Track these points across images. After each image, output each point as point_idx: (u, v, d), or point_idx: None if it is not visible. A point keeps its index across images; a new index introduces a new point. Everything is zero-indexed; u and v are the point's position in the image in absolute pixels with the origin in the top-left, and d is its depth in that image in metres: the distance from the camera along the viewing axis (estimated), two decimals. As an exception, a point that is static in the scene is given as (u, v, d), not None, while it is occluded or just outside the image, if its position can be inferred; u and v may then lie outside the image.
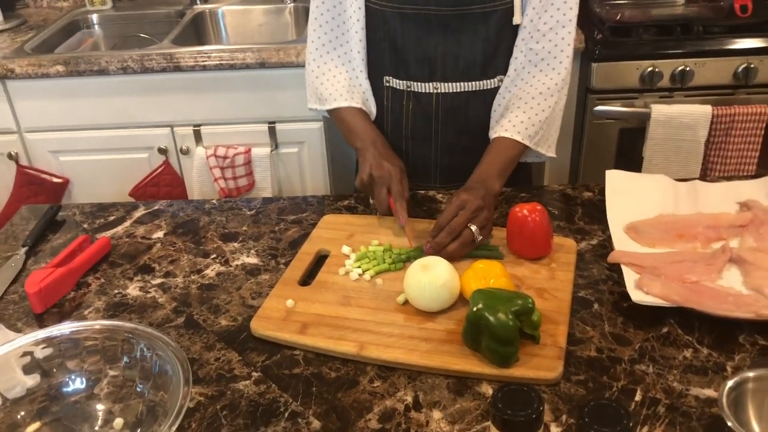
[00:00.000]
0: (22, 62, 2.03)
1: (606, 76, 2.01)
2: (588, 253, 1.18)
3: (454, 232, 1.14)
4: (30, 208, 1.42)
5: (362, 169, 1.27)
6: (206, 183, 2.16)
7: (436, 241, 1.14)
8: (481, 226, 1.15)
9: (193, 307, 1.10)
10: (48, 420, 0.88)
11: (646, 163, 2.04)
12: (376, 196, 1.24)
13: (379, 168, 1.24)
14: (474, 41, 1.30)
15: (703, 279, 1.05)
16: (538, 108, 1.31)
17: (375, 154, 1.27)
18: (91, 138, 2.15)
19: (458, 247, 1.14)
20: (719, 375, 0.93)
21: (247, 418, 0.90)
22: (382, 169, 1.24)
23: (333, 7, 1.34)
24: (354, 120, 1.35)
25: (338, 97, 1.37)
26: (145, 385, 0.89)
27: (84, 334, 0.92)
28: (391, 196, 1.22)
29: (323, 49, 1.38)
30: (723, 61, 1.98)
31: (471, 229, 1.14)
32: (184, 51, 2.04)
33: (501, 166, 1.27)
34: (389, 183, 1.23)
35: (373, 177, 1.24)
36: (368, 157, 1.27)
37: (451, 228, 1.13)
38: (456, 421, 0.88)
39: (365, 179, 1.25)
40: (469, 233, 1.14)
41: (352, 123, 1.35)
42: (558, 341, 0.97)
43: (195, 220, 1.34)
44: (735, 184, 1.29)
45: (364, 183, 1.26)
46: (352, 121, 1.36)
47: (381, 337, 1.00)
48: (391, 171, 1.23)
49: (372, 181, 1.24)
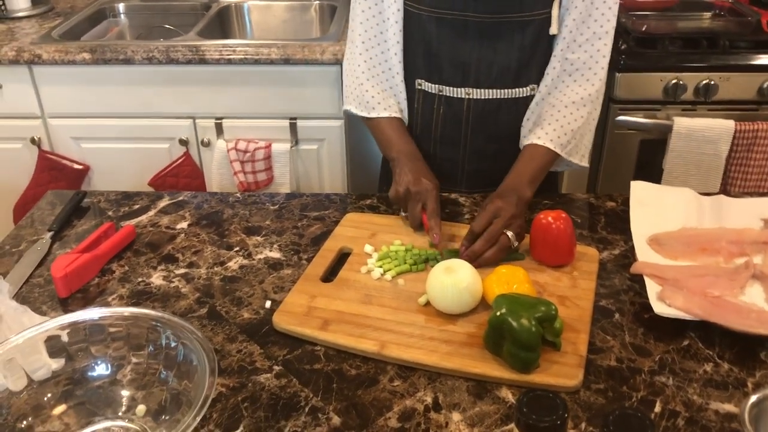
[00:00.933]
0: (49, 48, 2.05)
1: (629, 87, 2.00)
2: (610, 262, 1.18)
3: (492, 240, 1.14)
4: (55, 193, 1.43)
5: (398, 182, 1.26)
6: (225, 176, 2.17)
7: (472, 250, 1.14)
8: (515, 232, 1.16)
9: (216, 299, 1.11)
10: (72, 403, 0.89)
11: (666, 175, 2.03)
12: (410, 211, 1.24)
13: (417, 184, 1.24)
14: (509, 49, 1.30)
15: (725, 294, 1.05)
16: (570, 117, 1.31)
17: (413, 168, 1.27)
18: (113, 126, 2.16)
19: (495, 253, 1.14)
20: (740, 390, 0.93)
21: (268, 411, 0.91)
22: (420, 185, 1.23)
23: (374, 5, 1.35)
24: (391, 130, 1.35)
25: (377, 106, 1.37)
26: (169, 374, 0.90)
27: (109, 320, 0.93)
28: (425, 212, 1.22)
29: (367, 54, 1.37)
30: (748, 76, 1.97)
31: (508, 236, 1.15)
32: (209, 44, 2.05)
33: (533, 174, 1.28)
34: (425, 200, 1.23)
35: (410, 192, 1.24)
36: (405, 170, 1.27)
37: (488, 236, 1.14)
38: (475, 424, 0.88)
39: (401, 193, 1.25)
40: (506, 239, 1.15)
41: (389, 133, 1.35)
42: (579, 349, 0.98)
43: (219, 212, 1.35)
44: (759, 201, 1.29)
45: (400, 196, 1.26)
46: (389, 131, 1.35)
47: (402, 336, 1.01)
48: (428, 188, 1.23)
49: (408, 195, 1.24)
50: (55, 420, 0.87)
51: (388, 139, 1.36)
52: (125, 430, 0.89)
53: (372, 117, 1.38)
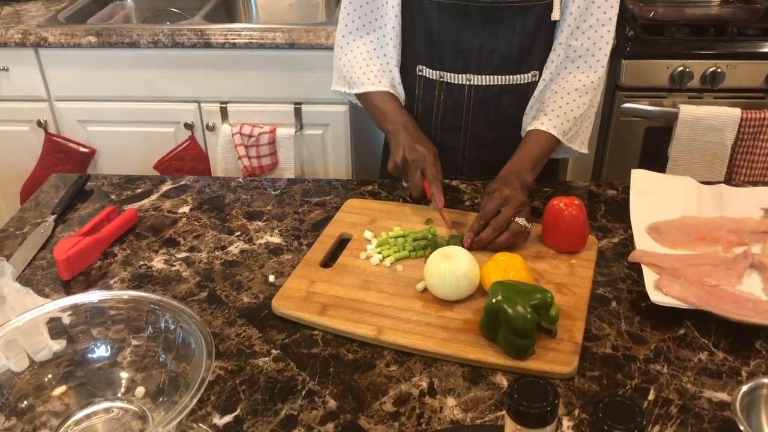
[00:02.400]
0: (55, 31, 2.06)
1: (635, 74, 1.99)
2: (609, 250, 1.19)
3: (500, 229, 1.15)
4: (60, 176, 1.44)
5: (395, 152, 1.27)
6: (230, 160, 2.18)
7: (481, 238, 1.15)
8: (526, 218, 1.17)
9: (216, 283, 1.12)
10: (73, 384, 0.91)
11: (671, 163, 2.02)
12: (410, 179, 1.25)
13: (413, 151, 1.24)
14: (511, 35, 1.30)
15: (722, 283, 1.06)
16: (573, 104, 1.31)
17: (407, 137, 1.28)
18: (119, 109, 2.17)
19: (508, 238, 1.15)
20: (734, 379, 0.93)
21: (265, 394, 0.92)
22: (416, 152, 1.24)
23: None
24: (384, 103, 1.36)
25: (366, 81, 1.38)
26: (168, 356, 0.91)
27: (110, 303, 0.95)
28: (426, 179, 1.23)
29: (356, 33, 1.39)
30: (755, 64, 1.95)
31: (519, 223, 1.15)
32: (215, 28, 2.05)
33: (534, 159, 1.28)
34: (423, 166, 1.23)
35: (407, 160, 1.24)
36: (401, 140, 1.27)
37: (496, 224, 1.15)
38: (469, 409, 0.89)
39: (399, 162, 1.26)
40: (517, 225, 1.15)
41: (382, 106, 1.36)
42: (574, 336, 0.98)
43: (220, 196, 1.36)
44: (760, 190, 1.28)
45: (398, 166, 1.26)
46: (381, 104, 1.36)
47: (399, 322, 1.02)
48: (425, 154, 1.24)
49: (406, 164, 1.25)
50: (56, 400, 0.89)
51: (382, 113, 1.36)
52: (124, 411, 0.90)
53: (361, 92, 1.38)
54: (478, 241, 1.15)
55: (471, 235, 1.16)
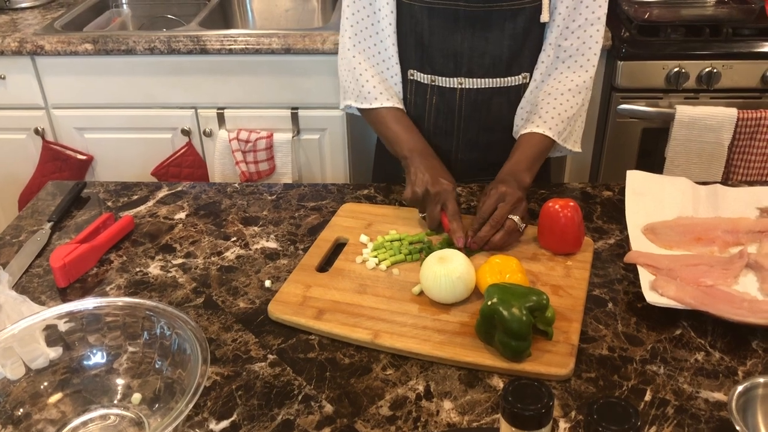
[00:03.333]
0: (51, 39, 2.06)
1: (631, 75, 1.99)
2: (605, 252, 1.19)
3: (497, 225, 1.15)
4: (56, 184, 1.45)
5: (414, 182, 1.23)
6: (228, 166, 2.18)
7: (479, 236, 1.15)
8: (521, 216, 1.17)
9: (213, 289, 1.13)
10: (69, 391, 0.91)
11: (668, 164, 2.03)
12: (428, 212, 1.22)
13: (436, 184, 1.21)
14: (501, 38, 1.30)
15: (718, 283, 1.06)
16: (567, 104, 1.32)
17: (428, 167, 1.24)
18: (116, 116, 2.18)
19: (503, 237, 1.15)
20: (730, 379, 0.93)
21: (261, 399, 0.92)
22: (439, 185, 1.20)
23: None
24: (398, 125, 1.33)
25: (379, 96, 1.35)
26: (164, 363, 0.91)
27: (106, 310, 0.95)
28: (445, 213, 1.20)
29: (360, 46, 1.37)
30: (751, 64, 1.96)
31: (514, 220, 1.15)
32: (210, 34, 2.05)
33: (531, 161, 1.28)
34: (445, 200, 1.20)
35: (429, 192, 1.21)
36: (422, 169, 1.23)
37: (493, 221, 1.15)
38: (466, 412, 0.89)
39: (419, 194, 1.22)
40: (512, 223, 1.15)
41: (396, 129, 1.33)
42: (570, 338, 0.98)
43: (217, 202, 1.36)
44: (756, 190, 1.28)
45: (417, 196, 1.22)
46: (395, 126, 1.33)
47: (395, 326, 1.02)
48: (447, 188, 1.21)
49: (428, 196, 1.21)
50: (52, 408, 0.89)
51: (396, 136, 1.33)
52: (121, 418, 0.90)
53: (373, 108, 1.36)
54: (476, 239, 1.15)
55: (470, 234, 1.16)
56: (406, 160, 1.29)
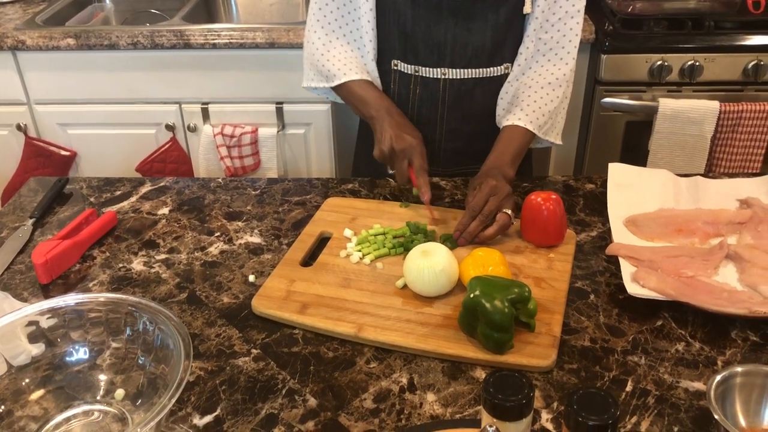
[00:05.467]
0: (33, 34, 2.04)
1: (615, 68, 2.00)
2: (587, 244, 1.19)
3: (487, 220, 1.16)
4: (38, 180, 1.44)
5: (381, 140, 1.26)
6: (212, 161, 2.17)
7: (469, 231, 1.16)
8: (511, 209, 1.18)
9: (196, 284, 1.12)
10: (51, 388, 0.90)
11: (652, 156, 2.04)
12: (396, 169, 1.25)
13: (401, 140, 1.23)
14: (484, 29, 1.30)
15: (699, 274, 1.07)
16: (547, 98, 1.32)
17: (393, 124, 1.26)
18: (100, 112, 2.16)
19: (497, 231, 1.16)
20: (710, 369, 0.94)
21: (245, 394, 0.92)
22: (404, 141, 1.23)
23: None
24: (364, 90, 1.34)
25: (347, 72, 1.36)
26: (147, 358, 0.91)
27: (88, 306, 0.94)
28: (413, 169, 1.23)
29: (329, 27, 1.37)
30: (733, 57, 1.97)
31: (508, 213, 1.16)
32: (194, 28, 2.04)
33: (513, 154, 1.29)
34: (411, 156, 1.23)
35: (394, 150, 1.23)
36: (386, 127, 1.26)
37: (483, 216, 1.16)
38: (449, 404, 0.90)
39: (386, 151, 1.25)
40: (506, 217, 1.16)
41: (362, 93, 1.34)
42: (553, 330, 0.99)
43: (200, 197, 1.36)
44: (736, 182, 1.30)
45: (384, 155, 1.25)
46: (362, 91, 1.35)
47: (379, 319, 1.02)
48: (412, 144, 1.23)
49: (393, 153, 1.24)
50: (34, 405, 0.89)
51: (361, 99, 1.34)
52: (104, 413, 0.90)
53: (341, 83, 1.36)
54: (466, 234, 1.16)
55: (460, 228, 1.16)
56: (373, 120, 1.31)
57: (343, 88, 1.38)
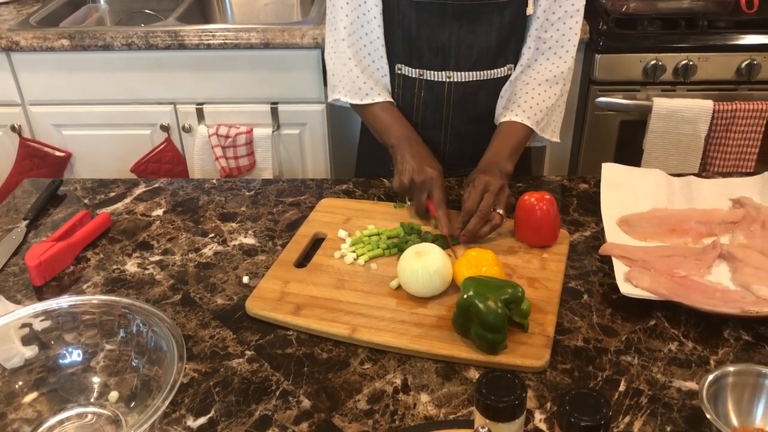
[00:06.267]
0: (27, 35, 2.04)
1: (609, 68, 2.01)
2: (581, 244, 1.20)
3: (486, 216, 1.16)
4: (32, 181, 1.43)
5: (401, 171, 1.25)
6: (207, 161, 2.17)
7: (468, 229, 1.16)
8: (504, 206, 1.18)
9: (190, 285, 1.12)
10: (45, 390, 0.90)
11: (646, 155, 2.05)
12: (415, 200, 1.24)
13: (421, 173, 1.22)
14: (488, 31, 1.31)
15: (692, 274, 1.07)
16: (545, 95, 1.33)
17: (414, 154, 1.26)
18: (94, 113, 2.16)
19: (489, 230, 1.17)
20: (702, 368, 0.94)
21: (239, 395, 0.92)
22: (424, 174, 1.22)
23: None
24: (387, 115, 1.34)
25: (370, 91, 1.35)
26: (140, 360, 0.91)
27: (82, 308, 0.94)
28: (431, 201, 1.22)
29: (350, 39, 1.35)
30: (726, 56, 1.98)
31: (500, 213, 1.17)
32: (189, 29, 2.04)
33: (511, 149, 1.29)
34: (430, 189, 1.22)
35: (414, 182, 1.23)
36: (407, 158, 1.25)
37: (481, 213, 1.16)
38: (443, 405, 0.90)
39: (405, 183, 1.24)
40: (498, 217, 1.17)
41: (385, 118, 1.34)
42: (546, 330, 0.99)
43: (194, 199, 1.36)
44: (729, 181, 1.30)
45: (404, 186, 1.24)
46: (385, 116, 1.34)
47: (373, 320, 1.02)
48: (432, 176, 1.22)
49: (413, 185, 1.23)
50: (27, 407, 0.88)
51: (385, 126, 1.34)
52: (98, 416, 0.90)
53: (365, 104, 1.36)
54: (465, 233, 1.16)
55: (460, 227, 1.17)
56: (393, 149, 1.30)
57: (367, 109, 1.37)
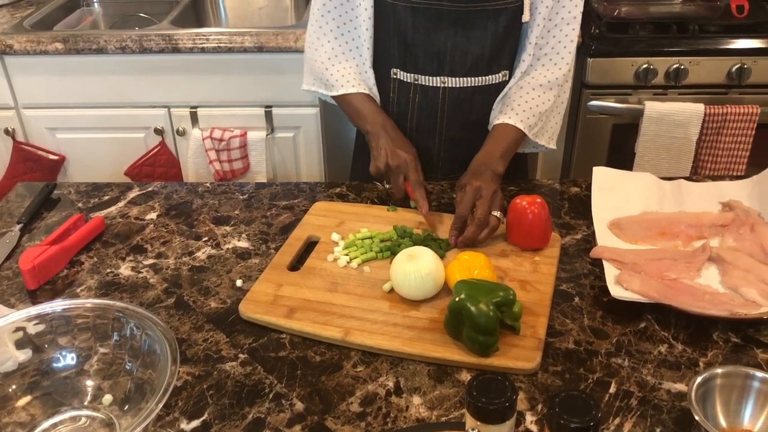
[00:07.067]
0: (20, 38, 2.04)
1: (601, 72, 2.02)
2: (572, 247, 1.21)
3: (484, 224, 1.17)
4: (26, 185, 1.44)
5: (377, 157, 1.29)
6: (201, 165, 2.18)
7: (467, 236, 1.17)
8: (499, 209, 1.19)
9: (184, 289, 1.13)
10: (39, 394, 0.91)
11: (638, 159, 2.06)
12: (392, 184, 1.28)
13: (395, 157, 1.26)
14: (483, 37, 1.32)
15: (682, 276, 1.08)
16: (539, 99, 1.34)
17: (388, 140, 1.29)
18: (88, 116, 2.16)
19: (488, 235, 1.18)
20: (691, 370, 0.95)
21: (233, 398, 0.93)
22: (398, 158, 1.26)
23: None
24: (362, 104, 1.37)
25: (345, 84, 1.37)
26: (134, 363, 0.91)
27: (75, 312, 0.94)
28: (408, 183, 1.25)
29: (330, 34, 1.38)
30: (717, 60, 1.99)
31: (496, 216, 1.18)
32: (182, 33, 2.04)
33: (503, 150, 1.30)
34: (406, 171, 1.26)
35: (389, 166, 1.26)
36: (381, 143, 1.29)
37: (479, 221, 1.17)
38: (435, 407, 0.91)
39: (381, 168, 1.28)
40: (495, 220, 1.18)
41: (360, 107, 1.36)
42: (537, 333, 1.00)
43: (188, 202, 1.36)
44: (719, 185, 1.31)
45: (380, 171, 1.29)
46: (359, 104, 1.37)
47: (366, 323, 1.03)
48: (407, 159, 1.26)
49: (389, 169, 1.27)
50: (21, 411, 0.89)
51: (358, 113, 1.36)
52: (91, 419, 0.90)
53: (338, 94, 1.38)
54: (463, 239, 1.17)
55: (455, 233, 1.18)
56: (369, 135, 1.33)
57: (341, 99, 1.40)
